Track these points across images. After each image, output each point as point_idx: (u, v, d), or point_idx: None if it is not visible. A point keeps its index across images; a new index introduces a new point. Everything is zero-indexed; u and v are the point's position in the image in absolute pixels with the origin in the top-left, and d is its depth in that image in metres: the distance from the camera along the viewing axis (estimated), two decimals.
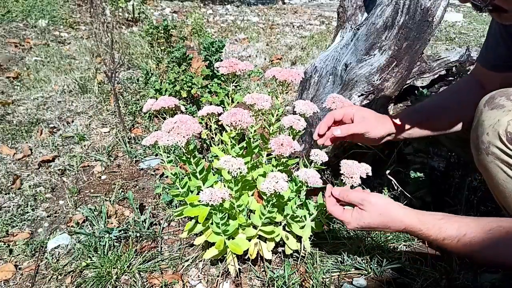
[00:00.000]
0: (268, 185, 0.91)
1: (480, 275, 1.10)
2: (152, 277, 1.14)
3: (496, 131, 0.82)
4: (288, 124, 1.03)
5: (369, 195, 0.90)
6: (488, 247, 0.78)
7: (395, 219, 0.87)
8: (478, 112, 0.89)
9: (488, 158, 0.85)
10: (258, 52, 3.79)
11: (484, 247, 0.78)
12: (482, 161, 0.88)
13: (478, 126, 0.88)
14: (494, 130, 0.82)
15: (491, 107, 0.85)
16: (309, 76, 1.53)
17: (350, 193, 0.93)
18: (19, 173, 1.72)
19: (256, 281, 1.13)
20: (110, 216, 1.41)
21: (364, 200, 0.89)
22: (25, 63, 3.17)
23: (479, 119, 0.88)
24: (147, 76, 2.28)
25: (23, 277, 1.18)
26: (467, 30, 5.14)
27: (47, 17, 4.53)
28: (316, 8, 7.16)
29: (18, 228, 1.39)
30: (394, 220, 0.87)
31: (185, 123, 1.00)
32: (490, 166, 0.86)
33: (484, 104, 0.88)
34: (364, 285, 1.09)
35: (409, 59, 1.38)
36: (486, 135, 0.84)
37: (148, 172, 1.76)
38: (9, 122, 2.19)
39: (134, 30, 4.33)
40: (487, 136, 0.84)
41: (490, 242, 0.78)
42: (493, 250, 0.77)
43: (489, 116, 0.84)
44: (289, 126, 1.04)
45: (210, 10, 6.36)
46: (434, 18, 1.31)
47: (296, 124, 1.03)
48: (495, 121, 0.83)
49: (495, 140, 0.82)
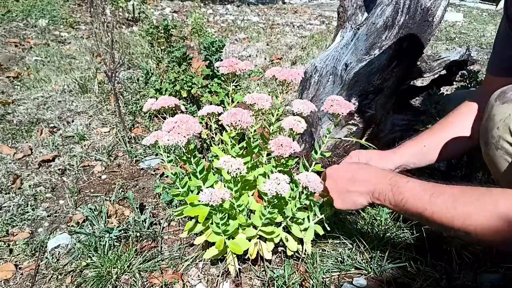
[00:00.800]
0: (270, 186, 0.91)
1: (480, 275, 1.10)
2: (152, 277, 1.14)
3: (507, 126, 0.80)
4: (288, 126, 1.03)
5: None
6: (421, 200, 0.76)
7: (375, 166, 0.93)
8: (489, 106, 0.87)
9: (498, 152, 0.84)
10: (258, 52, 3.79)
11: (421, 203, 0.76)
12: (491, 156, 0.87)
13: (489, 120, 0.86)
14: (505, 125, 0.81)
15: (502, 101, 0.84)
16: (309, 75, 1.53)
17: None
18: (19, 172, 1.72)
19: (256, 281, 1.13)
20: (110, 216, 1.41)
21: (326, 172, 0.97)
22: (25, 63, 3.17)
23: (490, 113, 0.86)
24: (147, 76, 2.28)
25: (23, 277, 1.18)
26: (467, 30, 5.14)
27: (47, 17, 4.53)
28: (316, 7, 7.15)
29: (18, 228, 1.39)
30: (374, 166, 0.92)
31: (185, 123, 1.00)
32: (499, 161, 0.85)
33: (495, 98, 0.86)
34: (364, 285, 1.09)
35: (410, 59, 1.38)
36: (497, 129, 0.83)
37: (148, 171, 1.76)
38: (9, 122, 2.19)
39: (134, 29, 4.33)
40: (498, 130, 0.83)
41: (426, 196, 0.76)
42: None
43: (500, 110, 0.83)
44: (289, 128, 1.03)
45: (210, 9, 6.36)
46: (434, 18, 1.31)
47: (296, 126, 1.03)
48: (506, 115, 0.81)
49: (506, 134, 0.81)
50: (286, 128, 1.03)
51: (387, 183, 0.84)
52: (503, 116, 0.82)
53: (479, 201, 0.69)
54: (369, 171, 0.91)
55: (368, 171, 0.91)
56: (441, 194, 0.75)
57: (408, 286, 1.09)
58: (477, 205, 0.69)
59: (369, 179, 0.89)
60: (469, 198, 0.71)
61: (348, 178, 0.92)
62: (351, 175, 0.92)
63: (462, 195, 0.72)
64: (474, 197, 0.71)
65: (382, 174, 0.88)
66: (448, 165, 1.49)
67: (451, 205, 0.72)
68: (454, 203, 0.72)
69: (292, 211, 1.04)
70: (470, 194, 0.72)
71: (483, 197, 0.70)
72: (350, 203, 0.93)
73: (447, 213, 0.72)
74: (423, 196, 0.77)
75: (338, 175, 0.95)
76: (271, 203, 0.98)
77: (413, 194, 0.79)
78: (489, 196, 0.69)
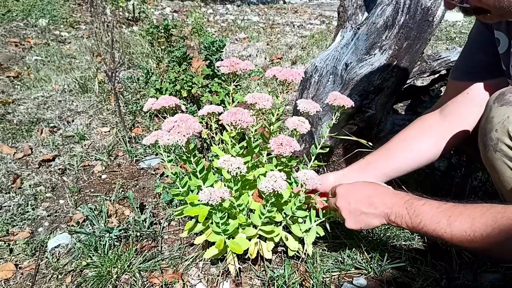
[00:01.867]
0: (267, 184, 0.91)
1: (480, 275, 1.10)
2: (152, 277, 1.14)
3: (506, 128, 0.80)
4: (292, 126, 1.03)
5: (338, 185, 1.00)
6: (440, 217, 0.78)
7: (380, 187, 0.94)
8: (487, 109, 0.87)
9: (496, 155, 0.84)
10: (259, 52, 3.79)
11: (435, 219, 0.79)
12: (490, 158, 0.87)
13: (487, 122, 0.86)
14: (504, 127, 0.81)
15: (501, 103, 0.84)
16: (310, 75, 1.53)
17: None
18: (19, 172, 1.72)
19: (256, 281, 1.13)
20: (111, 216, 1.41)
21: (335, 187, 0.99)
22: (26, 63, 3.17)
23: (488, 116, 0.86)
24: (147, 76, 2.28)
25: (23, 276, 1.18)
26: (467, 30, 5.13)
27: (47, 17, 4.52)
28: (316, 7, 7.15)
29: (19, 227, 1.39)
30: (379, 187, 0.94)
31: (185, 122, 1.00)
32: (497, 163, 0.85)
33: (493, 100, 0.86)
34: (364, 285, 1.09)
35: (410, 59, 1.38)
36: (495, 131, 0.83)
37: (148, 171, 1.76)
38: (10, 121, 2.19)
39: (135, 29, 4.33)
40: (496, 132, 0.83)
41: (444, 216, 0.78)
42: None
43: (499, 112, 0.83)
44: (293, 128, 1.03)
45: (211, 9, 6.36)
46: (435, 18, 1.31)
47: (301, 127, 1.03)
48: (504, 117, 0.81)
49: (504, 137, 0.81)
50: (290, 128, 1.04)
51: (403, 206, 0.86)
52: (502, 119, 0.82)
53: (496, 223, 0.71)
54: (384, 193, 0.92)
55: (383, 193, 0.92)
56: (458, 216, 0.77)
57: (408, 286, 1.09)
58: (495, 226, 0.70)
59: (384, 202, 0.90)
60: (486, 219, 0.72)
61: (362, 199, 0.93)
62: (365, 197, 0.92)
63: (479, 217, 0.74)
64: (491, 218, 0.72)
65: (398, 197, 0.89)
66: (448, 165, 1.49)
67: (469, 228, 0.74)
68: (472, 226, 0.74)
69: (292, 209, 1.04)
70: (487, 214, 0.73)
71: (500, 217, 0.71)
72: (363, 224, 0.94)
73: (466, 236, 0.74)
74: (441, 219, 0.79)
75: (351, 195, 0.95)
76: (270, 201, 0.98)
77: (431, 217, 0.81)
78: (506, 216, 0.70)
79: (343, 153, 1.56)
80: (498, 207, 0.73)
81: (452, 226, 0.76)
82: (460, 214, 0.77)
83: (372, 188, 0.95)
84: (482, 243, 0.72)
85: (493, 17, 0.83)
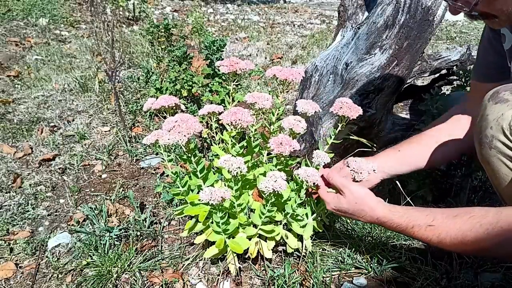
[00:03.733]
0: (267, 184, 0.91)
1: (480, 275, 1.10)
2: (152, 276, 1.14)
3: (500, 125, 0.81)
4: (288, 126, 1.03)
5: (350, 183, 0.97)
6: (453, 230, 0.80)
7: (369, 209, 0.93)
8: (483, 107, 0.88)
9: (491, 152, 0.85)
10: (259, 51, 3.79)
11: (449, 230, 0.80)
12: (485, 155, 0.88)
13: (482, 120, 0.87)
14: (498, 124, 0.82)
15: (495, 101, 0.85)
16: (310, 75, 1.53)
17: (334, 176, 1.00)
18: (19, 171, 1.72)
19: (257, 280, 1.13)
20: (111, 215, 1.41)
21: (345, 187, 0.96)
22: (26, 62, 3.17)
23: (483, 113, 0.87)
24: (147, 75, 2.28)
25: (23, 276, 1.18)
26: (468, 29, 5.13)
27: (47, 16, 4.52)
28: (316, 7, 7.15)
29: (19, 227, 1.40)
30: (368, 210, 0.94)
31: (185, 122, 1.00)
32: (493, 160, 0.86)
33: (488, 98, 0.87)
34: (364, 284, 1.09)
35: (410, 58, 1.37)
36: (490, 129, 0.84)
37: (148, 171, 1.76)
38: (10, 121, 2.19)
39: (135, 29, 4.32)
40: (491, 130, 0.84)
41: (455, 226, 0.80)
42: (460, 233, 0.79)
43: (493, 110, 0.84)
44: (288, 128, 1.03)
45: (211, 9, 6.36)
46: (435, 17, 1.31)
47: (296, 126, 1.03)
48: (499, 115, 0.82)
49: (499, 134, 0.82)
50: (286, 128, 1.03)
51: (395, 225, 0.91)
52: (496, 116, 0.83)
53: (481, 227, 0.76)
54: (372, 215, 0.94)
55: (371, 216, 0.94)
56: (446, 230, 0.82)
57: (408, 285, 1.09)
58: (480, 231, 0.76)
59: (370, 218, 0.95)
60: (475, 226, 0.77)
61: (350, 213, 0.97)
62: (351, 213, 0.97)
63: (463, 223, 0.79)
64: (477, 225, 0.77)
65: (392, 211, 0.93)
66: (448, 165, 1.48)
67: (460, 242, 0.79)
68: (464, 239, 0.78)
69: (292, 207, 1.05)
70: (470, 222, 0.79)
71: (484, 221, 0.76)
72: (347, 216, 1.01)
73: (459, 244, 0.80)
74: (430, 230, 0.84)
75: (341, 211, 0.99)
76: (269, 201, 0.98)
77: (419, 230, 0.86)
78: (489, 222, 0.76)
79: (343, 153, 1.56)
80: (466, 208, 0.81)
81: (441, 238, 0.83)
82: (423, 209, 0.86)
83: (356, 205, 0.97)
84: (475, 251, 0.80)
85: (501, 22, 0.86)
